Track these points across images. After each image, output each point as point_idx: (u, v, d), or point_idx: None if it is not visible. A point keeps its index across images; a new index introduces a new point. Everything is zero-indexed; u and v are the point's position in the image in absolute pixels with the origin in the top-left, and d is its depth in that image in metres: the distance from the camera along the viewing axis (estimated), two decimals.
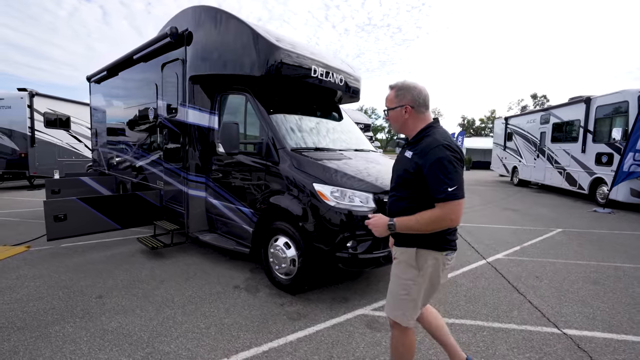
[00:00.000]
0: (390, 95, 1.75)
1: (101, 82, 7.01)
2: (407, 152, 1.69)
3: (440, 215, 1.52)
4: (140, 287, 3.41)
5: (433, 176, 1.51)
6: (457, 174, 1.52)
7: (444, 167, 1.50)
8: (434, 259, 1.64)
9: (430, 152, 1.54)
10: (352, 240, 2.99)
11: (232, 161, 3.84)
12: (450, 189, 1.48)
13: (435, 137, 1.60)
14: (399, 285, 1.71)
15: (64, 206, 4.12)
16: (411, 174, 1.61)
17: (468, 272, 4.11)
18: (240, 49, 3.58)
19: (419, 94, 1.68)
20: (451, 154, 1.53)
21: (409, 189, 1.65)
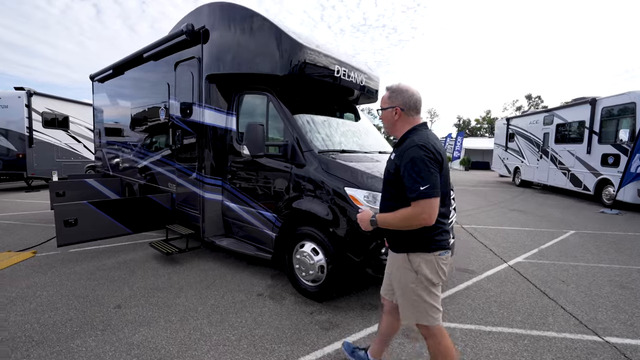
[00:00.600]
0: (384, 96, 1.81)
1: (105, 81, 6.81)
2: (392, 154, 1.76)
3: (413, 213, 1.55)
4: (159, 296, 3.26)
5: (407, 176, 1.56)
6: (430, 173, 1.54)
7: (416, 167, 1.54)
8: (427, 261, 1.67)
9: (406, 152, 1.60)
10: (385, 247, 2.87)
11: (253, 163, 3.70)
12: (422, 187, 1.51)
13: (413, 138, 1.65)
14: (407, 291, 1.73)
15: (75, 210, 3.94)
16: (392, 175, 1.68)
17: (492, 276, 4.03)
18: (262, 47, 3.45)
19: (410, 97, 1.72)
20: (425, 153, 1.55)
21: (392, 189, 1.71)
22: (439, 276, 1.70)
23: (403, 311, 1.78)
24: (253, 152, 3.12)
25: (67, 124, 11.20)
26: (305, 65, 3.43)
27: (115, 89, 6.40)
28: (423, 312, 1.70)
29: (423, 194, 1.51)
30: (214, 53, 3.87)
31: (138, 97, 5.60)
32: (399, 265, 1.74)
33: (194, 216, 4.34)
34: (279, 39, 3.34)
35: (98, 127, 7.43)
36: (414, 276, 1.68)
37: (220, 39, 3.81)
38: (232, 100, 4.08)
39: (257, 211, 3.69)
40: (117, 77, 6.23)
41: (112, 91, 6.56)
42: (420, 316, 1.71)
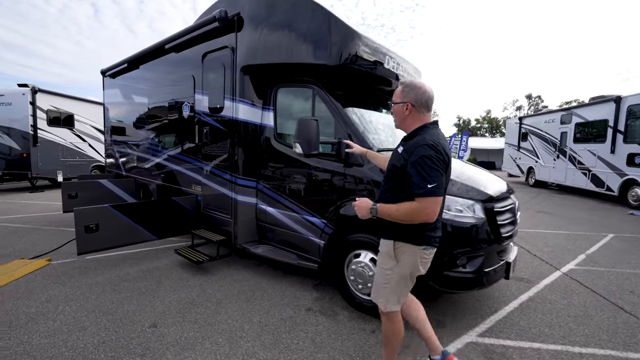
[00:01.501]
0: (397, 90, 1.84)
1: (118, 76, 6.44)
2: (399, 147, 1.80)
3: (418, 208, 1.60)
4: (197, 312, 2.90)
5: (415, 172, 1.60)
6: (438, 172, 1.59)
7: (426, 165, 1.58)
8: (412, 252, 1.75)
9: (415, 149, 1.63)
10: (463, 257, 2.54)
11: (297, 163, 3.36)
12: (429, 185, 1.56)
13: (424, 136, 1.68)
14: (380, 274, 1.86)
15: (96, 214, 3.58)
16: (398, 168, 1.71)
17: (551, 286, 3.70)
18: (311, 35, 3.10)
19: (422, 94, 1.75)
20: (435, 153, 1.60)
21: (394, 181, 1.75)
22: (418, 269, 1.79)
23: (373, 289, 1.92)
24: (307, 151, 2.77)
25: (72, 122, 10.79)
26: (358, 55, 3.09)
27: (130, 84, 6.02)
28: (387, 297, 1.83)
29: (430, 192, 1.56)
30: (251, 42, 3.52)
31: (156, 92, 5.23)
32: (384, 250, 1.84)
33: (223, 220, 3.98)
34: (331, 26, 3.00)
35: (109, 124, 7.05)
36: (393, 264, 1.79)
37: (259, 26, 3.45)
38: (268, 94, 3.72)
39: (302, 216, 3.34)
40: (131, 71, 5.86)
41: (126, 87, 6.18)
42: (384, 300, 1.84)
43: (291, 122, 3.72)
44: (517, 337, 2.67)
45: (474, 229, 2.56)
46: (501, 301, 3.29)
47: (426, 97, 1.75)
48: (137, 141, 5.86)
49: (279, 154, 3.57)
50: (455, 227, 2.54)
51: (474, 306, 3.18)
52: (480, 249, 2.58)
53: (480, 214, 2.61)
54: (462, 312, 3.03)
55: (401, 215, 1.66)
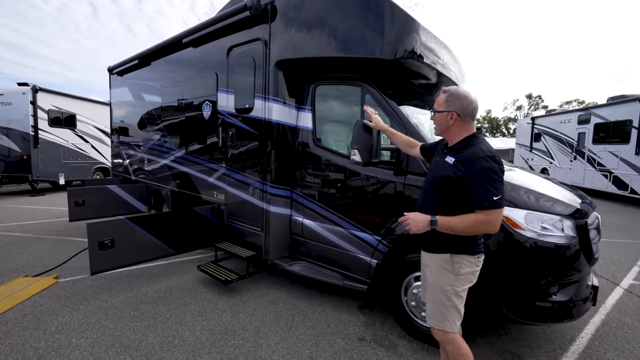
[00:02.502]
0: (440, 99, 1.77)
1: (126, 73, 6.01)
2: (448, 158, 1.70)
3: (484, 220, 1.55)
4: (234, 344, 2.50)
5: (478, 185, 1.54)
6: (502, 184, 1.56)
7: (490, 177, 1.53)
8: (469, 263, 1.68)
9: (476, 161, 1.56)
10: (555, 285, 2.16)
11: (344, 172, 2.97)
12: (495, 197, 1.52)
13: (480, 147, 1.63)
14: (440, 293, 1.70)
15: (111, 229, 3.17)
16: (452, 179, 1.63)
17: (620, 306, 3.33)
18: (363, 25, 2.71)
19: (469, 105, 1.69)
20: (496, 165, 1.56)
21: (445, 192, 1.67)
22: (475, 278, 1.72)
23: (431, 313, 1.76)
24: (367, 159, 2.37)
25: (74, 123, 10.35)
26: (420, 47, 2.70)
27: (141, 82, 5.60)
28: (450, 318, 1.69)
29: (496, 204, 1.53)
30: (287, 33, 3.11)
31: (171, 90, 4.82)
32: (438, 266, 1.72)
33: (251, 233, 3.58)
34: (390, 14, 2.61)
35: (116, 125, 6.62)
36: (453, 279, 1.68)
37: (298, 16, 3.05)
38: (305, 93, 3.33)
39: (349, 231, 2.94)
40: (142, 68, 5.44)
41: (136, 85, 5.75)
42: (447, 322, 1.70)
43: (332, 125, 3.34)
44: None
45: (566, 250, 2.17)
46: (573, 326, 2.91)
47: (472, 107, 1.70)
48: (149, 143, 5.44)
49: (319, 160, 3.17)
50: (542, 248, 2.15)
51: (546, 333, 2.79)
52: (574, 274, 2.20)
53: (571, 232, 2.22)
54: (538, 343, 2.65)
55: (465, 228, 1.59)
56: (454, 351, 1.72)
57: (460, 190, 1.61)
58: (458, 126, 1.72)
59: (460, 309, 1.70)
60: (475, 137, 1.70)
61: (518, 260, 2.15)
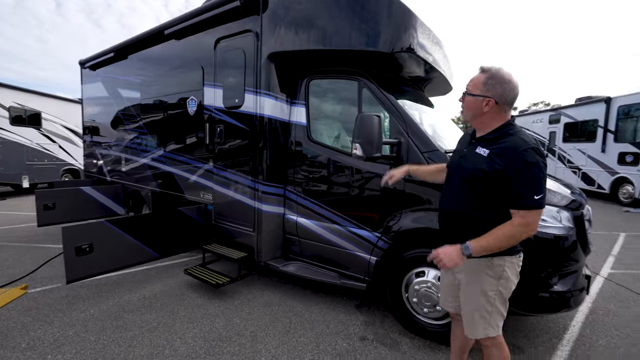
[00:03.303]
0: (477, 79, 1.53)
1: (100, 67, 5.64)
2: (479, 149, 1.52)
3: (522, 225, 1.39)
4: (231, 352, 2.35)
5: (521, 181, 1.38)
6: (545, 181, 1.42)
7: (535, 174, 1.38)
8: (511, 264, 1.54)
9: (519, 154, 1.39)
10: (555, 275, 2.18)
11: (341, 168, 2.89)
12: (536, 196, 1.38)
13: (522, 137, 1.45)
14: (483, 301, 1.55)
15: (90, 233, 2.92)
16: (488, 174, 1.45)
17: (603, 294, 3.47)
18: (362, 17, 2.64)
19: (511, 92, 1.49)
20: (542, 160, 1.41)
21: (480, 188, 1.49)
22: (517, 279, 1.57)
23: (473, 324, 1.59)
24: (369, 153, 2.30)
25: (39, 121, 9.62)
26: (417, 42, 2.67)
27: (117, 76, 5.26)
28: (494, 323, 1.56)
29: (538, 204, 1.38)
30: (280, 25, 3.00)
31: (152, 85, 4.55)
32: (477, 271, 1.55)
33: (242, 233, 3.43)
34: (389, 6, 2.56)
35: (89, 123, 6.19)
36: (496, 283, 1.53)
37: (293, 6, 2.94)
38: (297, 87, 3.22)
39: (347, 229, 2.87)
40: (119, 61, 5.11)
41: (112, 79, 5.40)
42: (491, 328, 1.57)
43: (328, 120, 3.26)
44: None
45: (565, 240, 2.21)
46: (564, 316, 2.98)
47: (514, 95, 1.49)
48: (127, 142, 5.11)
49: (314, 156, 3.08)
50: (541, 239, 2.17)
51: (540, 324, 2.85)
52: (573, 264, 2.24)
53: (568, 223, 2.26)
54: (532, 333, 2.69)
55: (503, 243, 1.42)
56: (498, 354, 1.63)
57: (498, 186, 1.44)
58: (493, 114, 1.51)
59: (504, 313, 1.57)
60: (512, 126, 1.51)
61: None
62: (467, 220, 1.55)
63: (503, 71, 1.50)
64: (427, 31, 2.93)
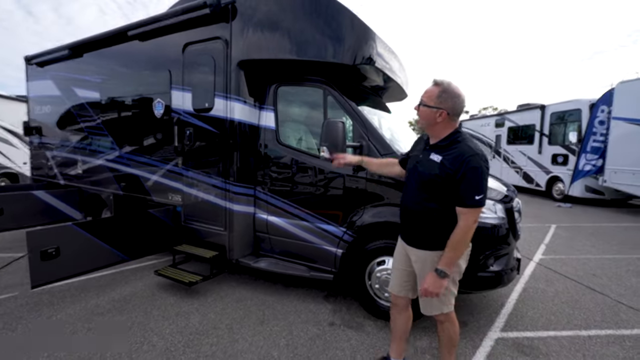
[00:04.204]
0: (432, 92, 1.72)
1: (50, 64, 5.33)
2: (433, 155, 1.72)
3: (468, 222, 1.63)
4: (209, 343, 2.48)
5: (467, 183, 1.60)
6: (486, 183, 1.64)
7: (478, 177, 1.60)
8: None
9: (467, 159, 1.60)
10: (491, 258, 2.59)
11: (308, 169, 3.12)
12: (477, 197, 1.60)
13: (468, 145, 1.67)
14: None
15: (56, 236, 2.86)
16: (441, 178, 1.66)
17: (534, 276, 4.05)
18: (328, 32, 2.90)
19: (460, 105, 1.71)
20: (485, 164, 1.63)
21: (435, 191, 1.71)
22: (466, 264, 1.85)
23: (430, 304, 1.85)
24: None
25: None
26: (375, 54, 2.98)
27: (71, 75, 5.01)
28: (447, 302, 1.83)
29: (479, 203, 1.61)
30: (250, 34, 3.16)
31: (114, 86, 4.44)
32: (432, 262, 1.75)
33: (213, 233, 3.53)
34: (350, 23, 2.85)
35: (37, 123, 5.81)
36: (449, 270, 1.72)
37: (262, 17, 3.11)
38: (266, 93, 3.41)
39: (314, 225, 3.10)
40: (73, 59, 4.90)
41: (65, 78, 5.14)
42: (445, 306, 1.83)
43: (295, 124, 3.48)
44: (533, 327, 2.83)
45: (499, 228, 2.63)
46: (502, 294, 3.47)
47: (462, 107, 1.72)
48: (84, 143, 4.91)
49: (283, 158, 3.28)
50: (481, 228, 2.56)
51: (482, 303, 3.30)
52: (505, 247, 2.67)
53: (502, 214, 2.70)
54: (477, 310, 3.12)
55: (462, 247, 1.68)
56: (451, 328, 1.88)
57: (448, 188, 1.65)
58: (445, 123, 1.71)
59: (455, 292, 1.83)
60: (460, 134, 1.72)
61: None
62: (420, 217, 1.79)
63: (453, 86, 1.71)
64: (384, 44, 3.27)
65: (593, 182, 9.20)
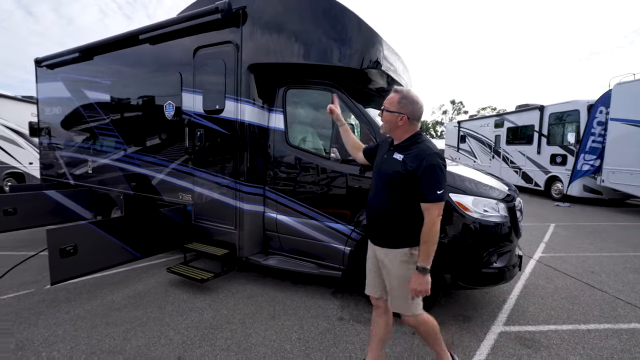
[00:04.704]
0: (393, 98, 1.85)
1: (61, 66, 5.44)
2: (396, 155, 1.82)
3: (433, 216, 1.70)
4: (224, 337, 2.59)
5: (426, 180, 1.69)
6: (444, 179, 1.73)
7: (436, 173, 1.69)
8: None
9: (426, 157, 1.71)
10: (494, 254, 2.71)
11: (316, 169, 3.23)
12: (438, 191, 1.68)
13: (427, 145, 1.79)
14: (403, 283, 1.81)
15: (73, 234, 2.96)
16: (403, 175, 1.75)
17: (535, 273, 4.17)
18: (336, 37, 3.01)
19: (418, 110, 1.83)
20: (442, 162, 1.73)
21: (399, 188, 1.79)
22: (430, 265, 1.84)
23: (399, 304, 1.89)
24: (344, 156, 2.68)
25: None
26: (381, 58, 3.09)
27: (82, 77, 5.12)
28: (416, 303, 1.86)
29: (440, 197, 1.69)
30: (260, 39, 3.27)
31: (124, 88, 4.55)
32: (400, 260, 1.83)
33: (223, 231, 3.63)
34: (358, 28, 2.95)
35: (47, 124, 5.91)
36: (414, 269, 1.76)
37: (273, 22, 3.22)
38: (275, 95, 3.51)
39: (323, 224, 3.21)
40: (84, 62, 5.00)
41: (76, 80, 5.24)
42: (414, 307, 1.86)
43: (304, 126, 3.58)
44: (534, 322, 2.94)
45: (501, 227, 2.74)
46: (504, 290, 3.59)
47: (421, 112, 1.84)
48: (95, 145, 5.01)
49: (292, 158, 3.38)
50: (485, 226, 2.69)
51: (485, 298, 3.41)
52: (508, 245, 2.78)
53: (504, 212, 2.81)
54: (480, 305, 3.23)
55: (432, 239, 1.70)
56: (427, 329, 1.92)
57: (411, 184, 1.74)
58: (405, 127, 1.83)
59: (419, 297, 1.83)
60: (420, 136, 1.84)
61: (469, 237, 2.66)
62: (384, 216, 1.85)
63: (412, 93, 1.84)
64: (389, 47, 3.37)
65: (591, 182, 9.33)
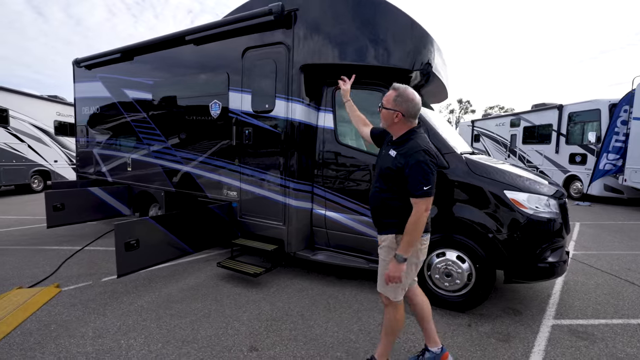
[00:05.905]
0: (390, 96, 1.91)
1: (99, 67, 5.58)
2: (391, 151, 1.89)
3: (419, 211, 1.74)
4: (288, 328, 2.69)
5: (413, 176, 1.73)
6: (433, 175, 1.76)
7: (422, 170, 1.73)
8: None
9: (413, 154, 1.76)
10: (548, 250, 2.78)
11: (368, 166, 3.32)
12: (425, 187, 1.72)
13: (417, 141, 1.82)
14: (385, 267, 1.90)
15: (136, 229, 3.09)
16: (393, 171, 1.82)
17: (572, 269, 4.21)
18: (389, 38, 3.09)
19: (414, 107, 1.87)
20: (430, 158, 1.76)
21: (389, 182, 1.87)
22: (417, 256, 1.92)
23: (380, 284, 1.98)
24: None
25: (6, 120, 9.03)
26: (433, 59, 3.17)
27: (122, 77, 5.25)
28: (395, 288, 1.90)
29: (427, 193, 1.72)
30: (311, 40, 3.36)
31: (167, 87, 4.67)
32: (386, 245, 1.93)
33: (270, 227, 3.74)
34: (411, 29, 3.03)
35: (85, 123, 6.06)
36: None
37: (325, 23, 3.31)
38: (323, 95, 3.60)
39: None
40: (124, 62, 5.13)
41: (116, 80, 5.38)
42: (392, 292, 1.92)
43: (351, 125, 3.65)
44: (583, 316, 3.00)
45: (554, 222, 2.81)
46: (546, 287, 3.65)
47: (416, 110, 1.88)
48: (135, 143, 5.15)
49: (342, 157, 3.48)
50: (539, 222, 2.76)
51: (529, 293, 3.48)
52: (560, 240, 2.85)
53: (555, 209, 2.88)
54: (527, 300, 3.30)
55: (415, 232, 1.75)
56: (391, 314, 1.98)
57: (401, 179, 1.80)
58: (401, 124, 1.89)
59: (404, 282, 1.87)
60: (414, 132, 1.88)
61: (525, 233, 2.73)
62: (378, 206, 1.94)
63: (408, 91, 1.88)
64: (436, 47, 3.43)
65: (612, 181, 9.31)
